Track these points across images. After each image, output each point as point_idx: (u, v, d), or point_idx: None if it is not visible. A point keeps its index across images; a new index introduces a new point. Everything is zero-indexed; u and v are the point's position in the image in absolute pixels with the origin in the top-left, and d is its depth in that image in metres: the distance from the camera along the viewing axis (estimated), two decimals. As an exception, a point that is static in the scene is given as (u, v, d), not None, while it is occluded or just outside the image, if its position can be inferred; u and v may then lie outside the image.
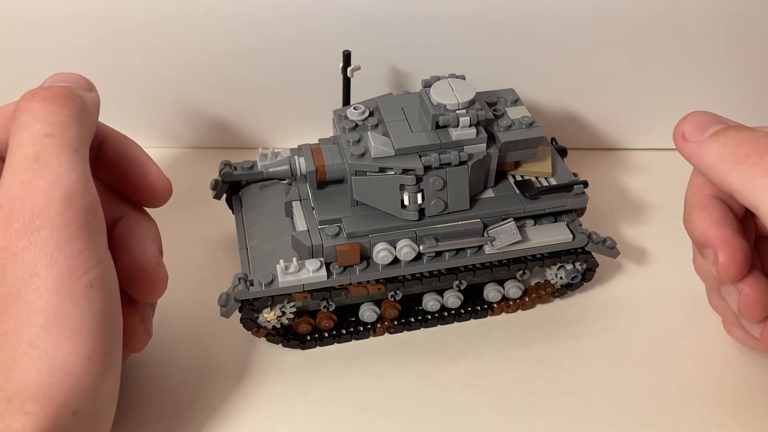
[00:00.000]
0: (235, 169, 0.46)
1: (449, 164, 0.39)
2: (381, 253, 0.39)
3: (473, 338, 0.44)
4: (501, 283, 0.45)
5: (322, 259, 0.40)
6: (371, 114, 0.42)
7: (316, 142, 0.43)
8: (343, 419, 0.40)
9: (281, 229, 0.43)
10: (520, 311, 0.46)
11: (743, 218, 0.38)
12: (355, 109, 0.42)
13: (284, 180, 0.45)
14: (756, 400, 0.41)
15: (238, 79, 0.54)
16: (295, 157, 0.41)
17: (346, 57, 0.44)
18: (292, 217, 0.43)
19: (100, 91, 0.36)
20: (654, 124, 0.57)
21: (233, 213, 0.48)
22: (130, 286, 0.36)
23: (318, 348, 0.43)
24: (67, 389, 0.29)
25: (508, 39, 0.52)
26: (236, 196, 0.47)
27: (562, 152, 0.46)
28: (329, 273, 0.39)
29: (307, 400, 0.41)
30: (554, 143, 0.47)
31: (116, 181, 0.38)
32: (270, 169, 0.41)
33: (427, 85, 0.42)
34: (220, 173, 0.46)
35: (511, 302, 0.45)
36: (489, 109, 0.42)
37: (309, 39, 0.51)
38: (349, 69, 0.44)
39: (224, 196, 0.47)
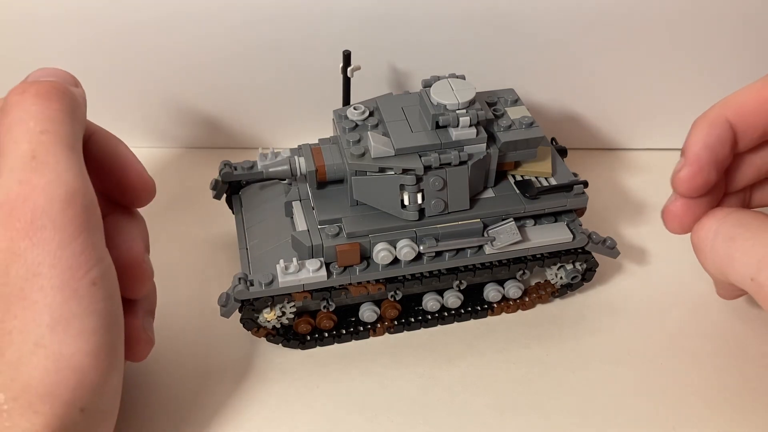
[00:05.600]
0: (235, 169, 0.46)
1: (449, 164, 0.39)
2: (381, 253, 0.39)
3: (473, 338, 0.44)
4: (501, 283, 0.45)
5: (322, 259, 0.40)
6: (371, 114, 0.42)
7: (316, 142, 0.43)
8: (343, 419, 0.40)
9: (281, 229, 0.43)
10: (520, 311, 0.46)
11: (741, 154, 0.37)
12: (355, 109, 0.42)
13: (284, 180, 0.45)
14: (756, 400, 0.41)
15: (238, 78, 0.54)
16: (295, 157, 0.41)
17: (346, 57, 0.44)
18: (292, 217, 0.43)
19: (100, 92, 0.36)
20: (654, 124, 0.57)
21: (233, 213, 0.48)
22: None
23: (318, 348, 0.43)
24: (74, 387, 0.29)
25: (508, 39, 0.51)
26: (236, 196, 0.47)
27: (562, 152, 0.46)
28: (329, 273, 0.39)
29: (307, 400, 0.41)
30: (554, 143, 0.47)
31: (100, 179, 0.37)
32: (270, 169, 0.41)
33: (427, 85, 0.42)
34: (220, 173, 0.46)
35: (511, 302, 0.45)
36: (489, 109, 0.42)
37: (309, 39, 0.51)
38: (349, 69, 0.44)
39: (224, 196, 0.47)
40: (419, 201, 0.39)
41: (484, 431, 0.39)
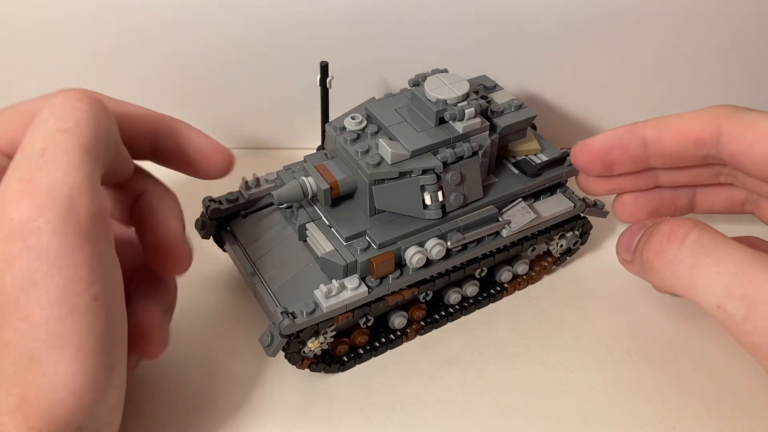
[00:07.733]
0: (221, 203, 0.44)
1: (463, 157, 0.39)
2: (415, 257, 0.39)
3: (473, 338, 0.44)
4: (510, 262, 0.46)
5: (357, 275, 0.39)
6: (368, 122, 0.41)
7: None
8: (343, 419, 0.39)
9: (296, 255, 0.41)
10: (529, 286, 0.47)
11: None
12: (352, 119, 0.41)
13: (275, 205, 0.42)
14: (756, 400, 0.41)
15: (224, 81, 0.53)
16: (303, 178, 0.40)
17: (324, 68, 0.43)
18: (305, 241, 0.41)
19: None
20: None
21: (223, 250, 0.45)
22: (155, 262, 0.35)
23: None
24: (71, 408, 0.28)
25: (475, 34, 0.51)
26: (226, 231, 0.45)
27: (533, 126, 0.48)
28: (369, 287, 0.39)
29: (306, 401, 0.40)
30: None
31: (140, 236, 0.36)
32: (282, 196, 0.40)
33: (415, 83, 0.42)
34: (207, 210, 0.43)
35: (519, 279, 0.47)
36: (479, 98, 0.43)
37: (290, 44, 0.51)
38: (327, 80, 0.43)
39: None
40: (440, 198, 0.39)
41: (484, 431, 0.39)
